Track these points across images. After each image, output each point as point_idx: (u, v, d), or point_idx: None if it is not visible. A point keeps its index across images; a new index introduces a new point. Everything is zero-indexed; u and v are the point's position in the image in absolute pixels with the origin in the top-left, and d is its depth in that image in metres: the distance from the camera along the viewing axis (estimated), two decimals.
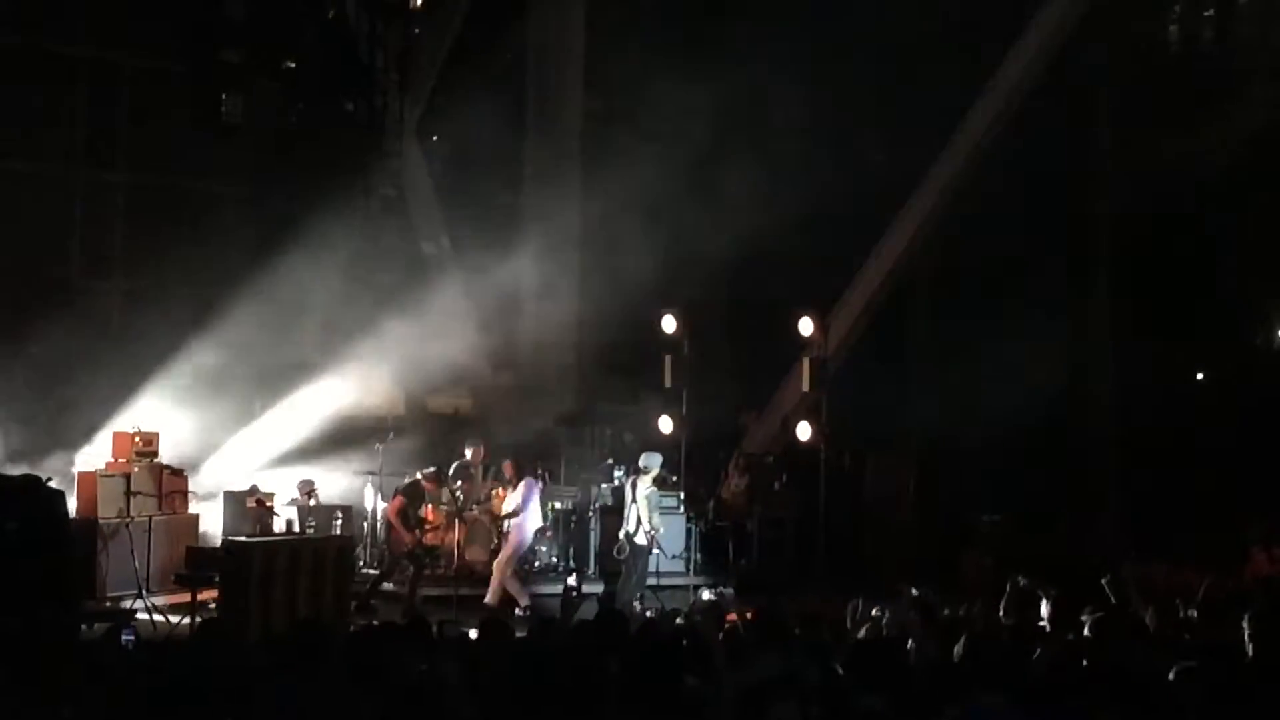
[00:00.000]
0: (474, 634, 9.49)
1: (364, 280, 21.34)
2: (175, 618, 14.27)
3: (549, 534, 17.90)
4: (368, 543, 17.92)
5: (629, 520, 15.86)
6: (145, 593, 14.79)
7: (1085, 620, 9.70)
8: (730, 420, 21.48)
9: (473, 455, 17.84)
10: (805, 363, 19.41)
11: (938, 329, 21.28)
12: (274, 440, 18.60)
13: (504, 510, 16.64)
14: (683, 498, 18.19)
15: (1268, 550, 14.95)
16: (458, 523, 16.41)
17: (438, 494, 16.68)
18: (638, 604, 15.55)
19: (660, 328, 19.37)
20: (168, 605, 14.76)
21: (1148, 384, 19.43)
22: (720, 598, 15.76)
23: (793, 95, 18.85)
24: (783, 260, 19.90)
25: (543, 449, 19.52)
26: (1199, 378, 20.66)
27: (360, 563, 17.11)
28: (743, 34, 19.79)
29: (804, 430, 18.95)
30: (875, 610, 10.54)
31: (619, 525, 16.21)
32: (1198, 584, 11.78)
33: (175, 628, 13.80)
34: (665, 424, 19.34)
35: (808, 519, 19.11)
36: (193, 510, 16.51)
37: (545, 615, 14.33)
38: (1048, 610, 10.50)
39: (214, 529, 16.55)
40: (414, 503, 16.36)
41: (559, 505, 18.13)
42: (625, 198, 19.12)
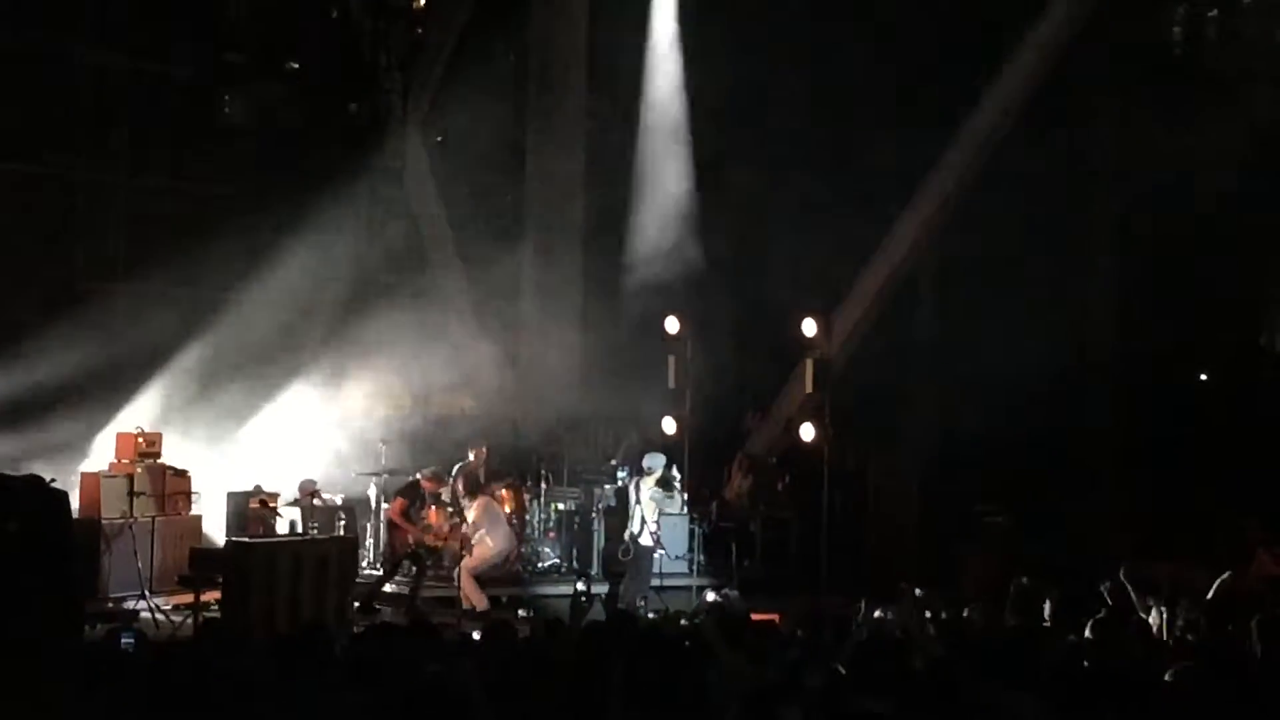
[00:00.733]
0: (477, 636, 9.49)
1: (367, 280, 21.35)
2: (178, 618, 14.30)
3: (551, 534, 17.88)
4: (371, 544, 17.91)
5: (633, 521, 15.85)
6: (148, 594, 14.80)
7: (1086, 623, 9.69)
8: (734, 421, 21.47)
9: (474, 456, 17.83)
10: (808, 363, 19.37)
11: (940, 329, 21.26)
12: (276, 441, 18.59)
13: (464, 532, 16.53)
14: (686, 499, 18.18)
15: (1271, 551, 14.92)
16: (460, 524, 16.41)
17: (438, 494, 16.68)
18: (641, 605, 15.55)
19: (664, 328, 19.36)
20: (171, 606, 14.80)
21: (1148, 384, 19.43)
22: (727, 599, 15.74)
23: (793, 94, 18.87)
24: (786, 260, 19.90)
25: (545, 449, 19.52)
26: (1200, 378, 20.66)
27: (363, 564, 17.10)
28: (743, 34, 19.78)
29: (807, 431, 18.91)
30: (879, 611, 10.54)
31: (622, 527, 16.21)
32: (1202, 584, 11.76)
33: (178, 629, 13.82)
34: (668, 425, 19.32)
35: (811, 520, 19.07)
36: (195, 511, 16.48)
37: (550, 616, 14.30)
38: (1050, 611, 10.51)
39: (217, 530, 16.55)
40: (415, 503, 16.36)
41: (562, 506, 18.11)
42: (628, 196, 19.11)
